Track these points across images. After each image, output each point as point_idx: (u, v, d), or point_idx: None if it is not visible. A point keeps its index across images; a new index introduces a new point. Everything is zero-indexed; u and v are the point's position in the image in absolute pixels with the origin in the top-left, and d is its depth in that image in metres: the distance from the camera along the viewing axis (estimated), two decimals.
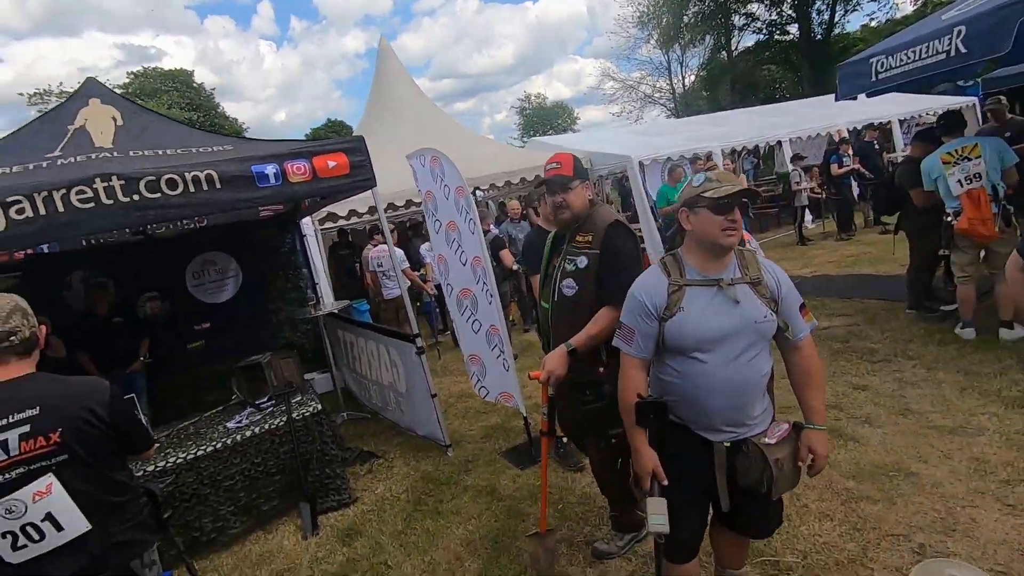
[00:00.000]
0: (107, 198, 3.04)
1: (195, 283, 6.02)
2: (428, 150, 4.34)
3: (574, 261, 2.33)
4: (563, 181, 2.35)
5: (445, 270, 4.41)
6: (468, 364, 4.35)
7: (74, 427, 1.70)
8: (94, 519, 1.74)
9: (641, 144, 10.20)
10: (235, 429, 3.56)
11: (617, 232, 2.30)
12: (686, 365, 1.76)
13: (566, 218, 2.38)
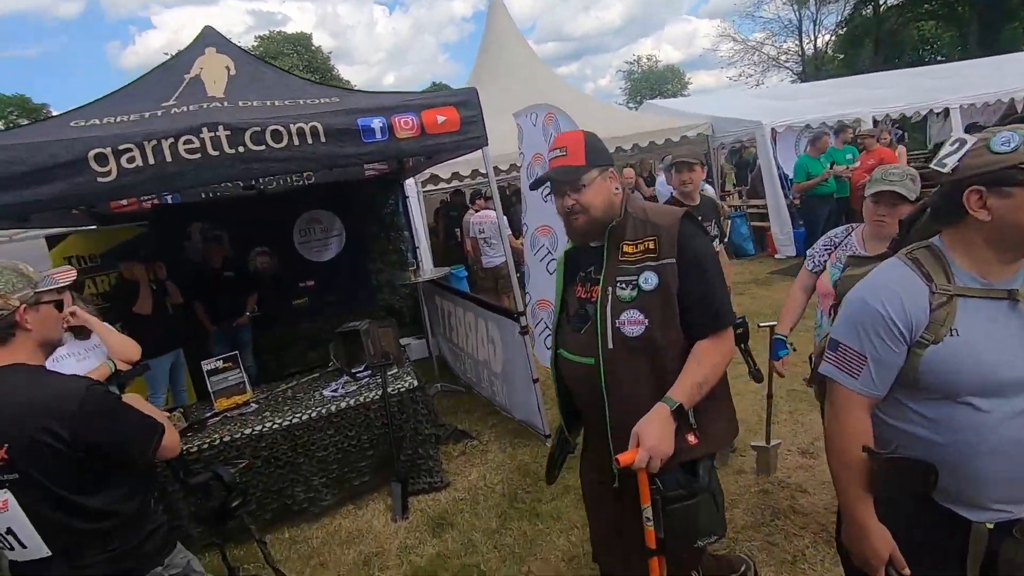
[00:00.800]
0: (213, 149, 2.90)
1: (301, 240, 6.06)
2: (542, 106, 3.86)
3: (634, 283, 1.57)
4: (572, 175, 1.62)
5: (552, 243, 3.95)
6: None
7: (23, 445, 1.34)
8: (56, 546, 1.42)
9: (773, 109, 9.04)
10: (331, 398, 3.41)
11: (695, 229, 1.62)
12: (952, 414, 1.20)
13: (582, 225, 1.65)
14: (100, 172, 2.75)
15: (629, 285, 1.57)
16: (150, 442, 1.52)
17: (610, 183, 1.65)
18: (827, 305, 2.24)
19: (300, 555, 3.04)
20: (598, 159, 1.64)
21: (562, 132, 3.48)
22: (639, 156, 9.76)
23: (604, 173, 1.65)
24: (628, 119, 9.37)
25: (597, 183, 1.62)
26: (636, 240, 1.60)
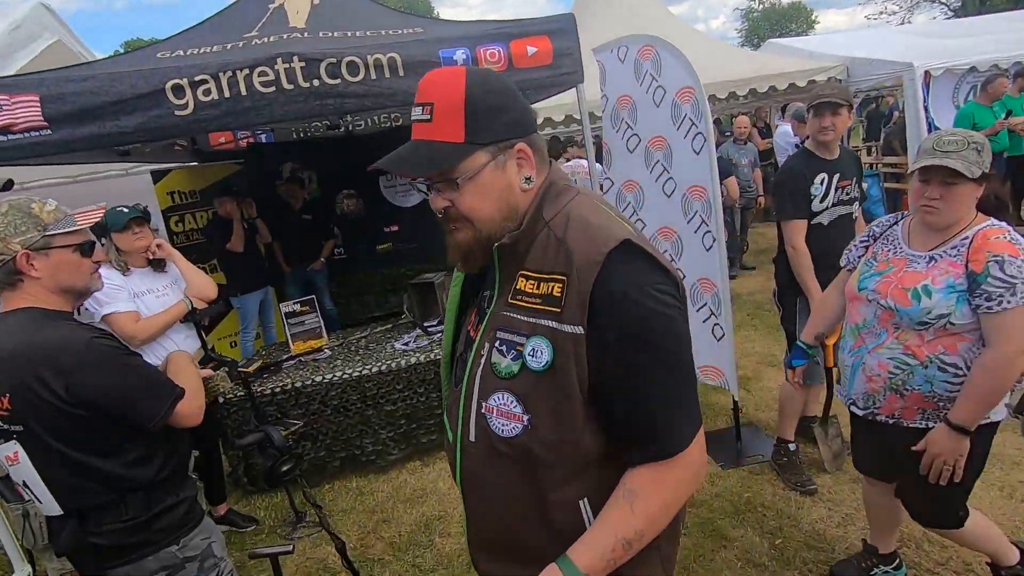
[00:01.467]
0: (287, 82, 2.71)
1: (387, 184, 5.95)
2: (635, 38, 3.22)
3: (518, 349, 0.91)
4: (435, 161, 0.90)
5: (637, 200, 3.43)
6: None
7: (22, 395, 1.25)
8: (68, 506, 1.34)
9: (927, 48, 7.59)
10: (402, 352, 3.28)
11: (633, 277, 0.87)
12: None
13: (463, 243, 0.96)
14: (177, 104, 2.66)
15: (510, 350, 0.91)
16: (160, 406, 1.37)
17: (511, 173, 0.92)
18: (855, 313, 1.78)
19: (365, 507, 3.00)
20: (491, 128, 0.89)
21: (676, 66, 2.98)
22: (755, 103, 8.70)
23: (503, 156, 0.91)
24: (744, 60, 8.27)
25: (487, 175, 0.90)
26: (540, 273, 0.90)
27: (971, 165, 1.48)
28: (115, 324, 2.40)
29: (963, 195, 1.51)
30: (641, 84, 3.18)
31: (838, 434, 2.76)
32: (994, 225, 1.54)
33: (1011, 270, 1.42)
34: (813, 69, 7.56)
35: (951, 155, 1.50)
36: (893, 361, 1.61)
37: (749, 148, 6.00)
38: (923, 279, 1.55)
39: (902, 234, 1.73)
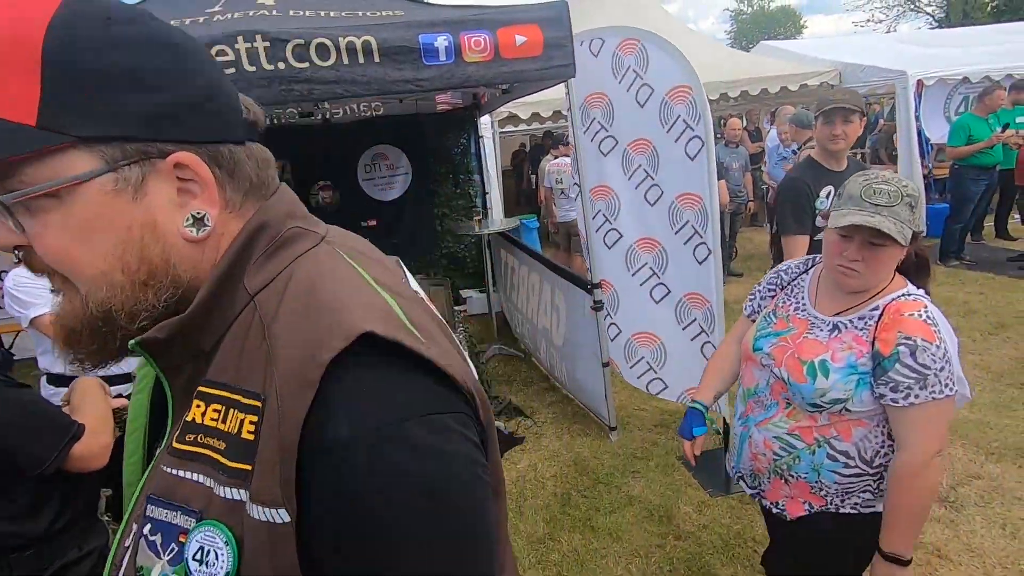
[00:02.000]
0: (249, 64, 2.45)
1: (366, 177, 5.68)
2: (613, 30, 2.95)
3: (173, 538, 0.48)
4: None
5: (610, 208, 3.19)
6: (630, 346, 3.27)
7: None
8: None
9: (920, 57, 7.54)
10: None
11: (375, 403, 0.46)
12: None
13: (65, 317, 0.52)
14: None
15: (168, 543, 0.48)
16: (50, 449, 1.14)
17: (153, 203, 0.50)
18: (748, 375, 1.48)
19: None
20: (107, 110, 0.46)
21: (666, 64, 2.77)
22: (746, 106, 8.56)
23: (133, 169, 0.48)
24: (737, 61, 8.13)
25: (93, 199, 0.47)
26: (226, 391, 0.49)
27: (903, 226, 1.19)
28: (45, 327, 2.12)
29: (888, 259, 1.25)
30: (620, 81, 2.95)
31: None
32: (910, 296, 1.27)
33: (924, 358, 1.17)
34: (806, 73, 7.46)
35: (882, 211, 1.20)
36: (779, 441, 1.37)
37: (740, 152, 5.86)
38: (822, 352, 1.29)
39: (809, 288, 1.44)
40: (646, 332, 3.09)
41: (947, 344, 1.19)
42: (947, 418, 1.23)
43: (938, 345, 1.18)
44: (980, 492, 2.57)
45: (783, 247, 2.40)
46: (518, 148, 13.21)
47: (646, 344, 3.10)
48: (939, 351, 1.17)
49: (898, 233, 1.18)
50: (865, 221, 1.20)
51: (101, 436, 1.24)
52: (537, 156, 8.86)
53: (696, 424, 1.68)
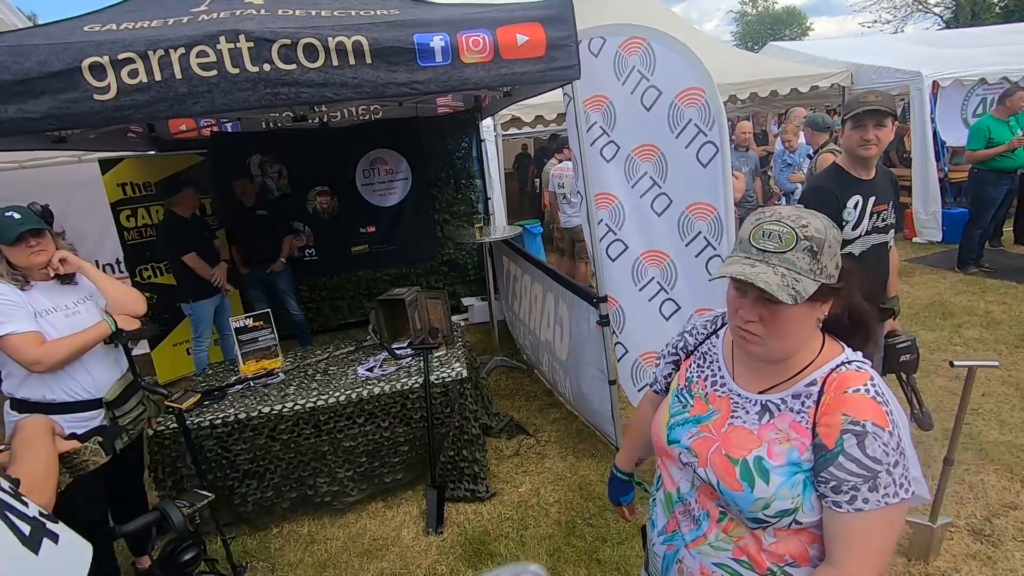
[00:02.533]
0: (232, 66, 2.30)
1: (364, 182, 5.53)
2: (616, 28, 2.79)
3: None
4: None
5: (614, 217, 3.01)
6: (638, 368, 3.08)
7: None
8: None
9: (936, 57, 7.33)
10: (364, 379, 2.88)
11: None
12: None
13: None
14: (97, 87, 2.23)
15: None
16: None
17: None
18: (667, 476, 1.15)
19: (315, 560, 2.60)
20: None
21: (676, 65, 2.60)
22: (755, 108, 8.37)
23: None
24: (746, 63, 7.94)
25: None
26: None
27: (800, 276, 0.91)
28: (13, 348, 1.96)
29: (795, 320, 0.95)
30: (624, 83, 2.78)
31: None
32: (851, 364, 0.99)
33: (874, 449, 0.89)
34: (817, 75, 7.28)
35: (770, 258, 0.93)
36: (721, 570, 1.03)
37: (750, 156, 5.67)
38: (755, 446, 0.99)
39: (724, 355, 1.13)
40: (656, 352, 2.90)
41: (901, 429, 0.92)
42: (897, 529, 0.93)
43: (891, 431, 0.90)
44: (1019, 524, 2.38)
45: None
46: (521, 151, 13.06)
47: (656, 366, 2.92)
48: (892, 439, 0.89)
49: (781, 288, 0.89)
50: (739, 272, 0.92)
51: (36, 496, 1.06)
52: (542, 159, 8.69)
53: (621, 493, 1.54)
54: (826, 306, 0.99)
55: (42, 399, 2.05)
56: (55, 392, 2.07)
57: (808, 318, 0.97)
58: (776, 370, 1.02)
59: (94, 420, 2.16)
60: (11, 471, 1.12)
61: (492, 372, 4.40)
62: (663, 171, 2.74)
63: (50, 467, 1.15)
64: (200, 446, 2.67)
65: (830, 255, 0.94)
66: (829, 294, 0.97)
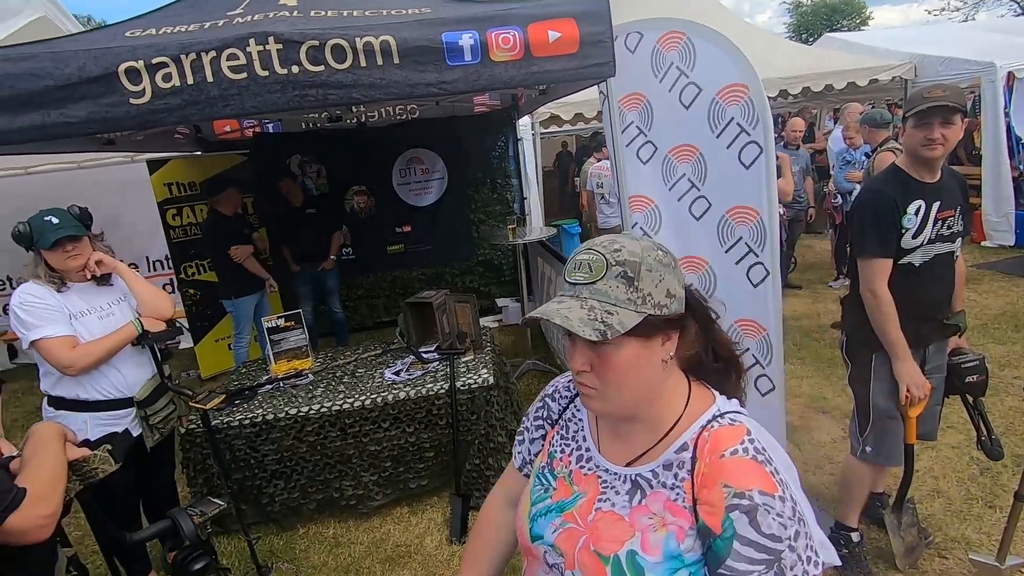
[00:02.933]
0: (262, 68, 2.29)
1: (401, 181, 5.55)
2: (654, 22, 2.61)
3: None
4: None
5: (649, 221, 2.83)
6: None
7: None
8: None
9: (1011, 47, 6.78)
10: (390, 383, 2.86)
11: None
12: None
13: None
14: (132, 91, 2.26)
15: None
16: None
17: None
18: (532, 574, 0.92)
19: (338, 564, 2.59)
20: None
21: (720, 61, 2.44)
22: (807, 103, 7.98)
23: None
24: (798, 55, 7.57)
25: None
26: None
27: (609, 312, 0.76)
28: (46, 351, 2.02)
29: (627, 363, 0.78)
30: (662, 80, 2.62)
31: (914, 523, 2.23)
32: (724, 418, 0.82)
33: (769, 524, 0.71)
34: (876, 67, 6.86)
35: (580, 290, 0.79)
36: None
37: (801, 154, 5.38)
38: (627, 536, 0.80)
39: (588, 423, 0.94)
40: None
41: (791, 488, 0.76)
42: None
43: (782, 496, 0.73)
44: None
45: (860, 272, 2.04)
46: (561, 149, 12.91)
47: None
48: (786, 506, 0.73)
49: (586, 323, 0.74)
50: (541, 312, 0.78)
51: (43, 504, 1.06)
52: (582, 158, 8.54)
53: None
54: (670, 343, 0.81)
55: (76, 397, 2.10)
56: (88, 391, 2.12)
57: (646, 359, 0.79)
58: (641, 433, 0.84)
59: (126, 418, 2.20)
60: (19, 480, 1.11)
61: (523, 376, 4.32)
62: (702, 173, 2.59)
63: (57, 476, 1.14)
64: (229, 445, 2.70)
65: (653, 280, 0.77)
66: (667, 327, 0.79)
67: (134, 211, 5.33)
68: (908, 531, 2.21)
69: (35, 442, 1.22)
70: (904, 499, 2.17)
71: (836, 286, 5.67)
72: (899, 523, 2.19)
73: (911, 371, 1.97)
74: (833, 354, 4.17)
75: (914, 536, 2.22)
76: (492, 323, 5.56)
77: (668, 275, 0.80)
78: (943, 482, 2.66)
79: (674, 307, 0.80)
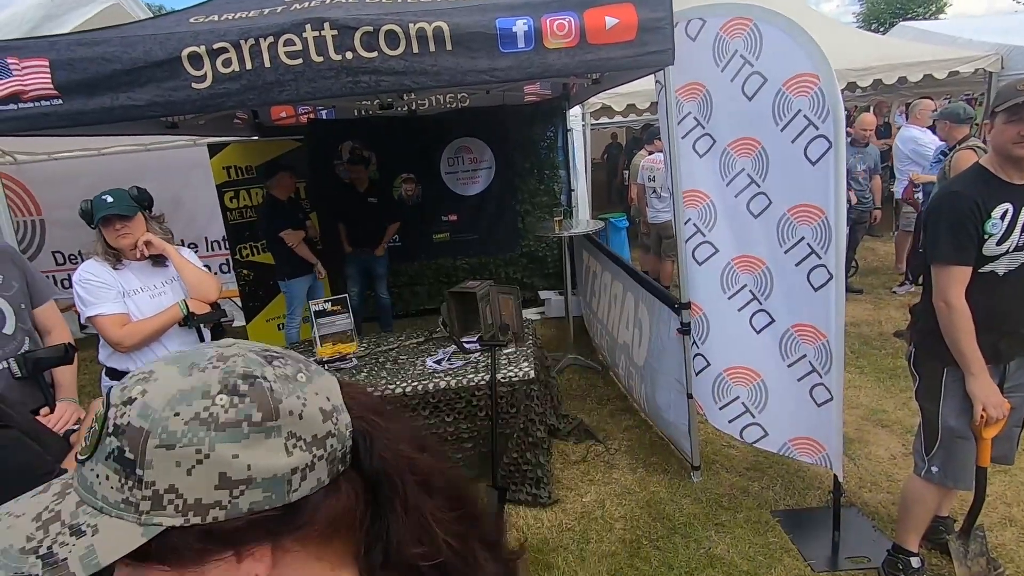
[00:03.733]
0: (317, 54, 2.32)
1: (448, 170, 5.55)
2: (719, 8, 2.48)
3: None
4: None
5: (703, 217, 2.70)
6: (721, 383, 2.72)
7: None
8: None
9: None
10: (431, 372, 2.86)
11: None
12: None
13: None
14: (195, 76, 2.33)
15: None
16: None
17: None
18: None
19: None
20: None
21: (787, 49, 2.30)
22: (878, 97, 7.53)
23: None
24: (870, 45, 7.12)
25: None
26: None
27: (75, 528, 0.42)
28: (100, 327, 2.14)
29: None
30: (724, 69, 2.49)
31: (983, 552, 2.06)
32: None
33: None
34: (957, 59, 6.37)
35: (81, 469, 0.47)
36: None
37: (870, 152, 5.06)
38: None
39: None
40: (743, 367, 2.63)
41: None
42: None
43: None
44: None
45: (933, 278, 1.89)
46: (611, 141, 12.68)
47: (743, 382, 2.64)
48: None
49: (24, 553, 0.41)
50: None
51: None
52: (632, 150, 8.36)
53: None
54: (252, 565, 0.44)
55: (127, 370, 2.20)
56: (138, 365, 2.20)
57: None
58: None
59: None
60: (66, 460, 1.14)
61: (564, 371, 4.27)
62: (763, 168, 2.46)
63: None
64: None
65: (184, 462, 0.41)
66: (225, 543, 0.43)
67: (195, 193, 5.55)
68: (975, 560, 2.05)
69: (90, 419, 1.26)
70: (973, 526, 2.01)
71: (901, 292, 5.35)
72: (965, 551, 2.04)
73: (987, 389, 1.82)
74: (895, 364, 3.94)
75: (982, 567, 2.05)
76: (534, 316, 5.53)
77: (247, 442, 0.42)
78: (1016, 510, 2.46)
79: (246, 505, 0.42)
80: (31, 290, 2.08)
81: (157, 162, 5.73)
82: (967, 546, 2.04)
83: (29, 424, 1.10)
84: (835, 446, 2.31)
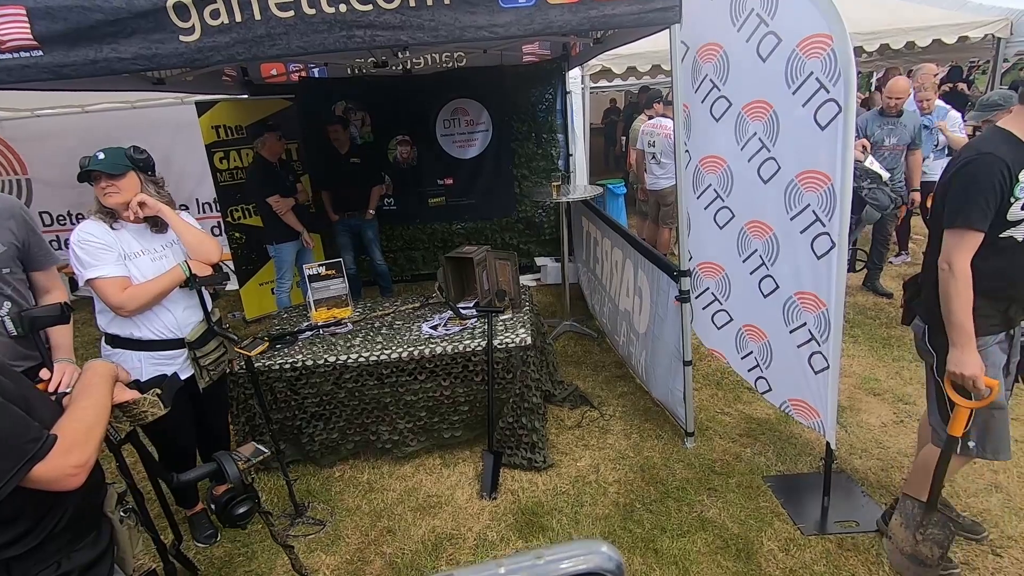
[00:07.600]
0: (308, 6, 2.21)
1: (444, 132, 5.43)
2: None
3: None
4: None
5: (722, 183, 2.69)
6: (741, 337, 2.80)
7: None
8: None
9: None
10: (427, 337, 2.85)
11: None
12: None
13: None
14: (182, 28, 2.22)
15: None
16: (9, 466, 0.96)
17: None
18: None
19: (371, 508, 2.66)
20: None
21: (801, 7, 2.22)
22: (884, 63, 7.35)
23: None
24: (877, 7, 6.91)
25: None
26: None
27: None
28: (100, 291, 2.06)
29: None
30: (740, 29, 2.41)
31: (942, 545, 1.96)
32: None
33: None
34: (968, 23, 6.22)
35: None
36: None
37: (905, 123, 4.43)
38: None
39: None
40: (755, 326, 2.69)
41: None
42: None
43: None
44: None
45: (945, 239, 1.83)
46: (609, 105, 12.44)
47: (755, 339, 2.70)
48: None
49: None
50: None
51: (74, 453, 1.05)
52: (632, 115, 8.19)
53: None
54: None
55: (131, 336, 2.16)
56: (142, 330, 2.16)
57: None
58: None
59: (179, 359, 2.25)
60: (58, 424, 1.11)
61: (560, 337, 4.28)
62: (773, 132, 2.40)
63: (94, 423, 1.14)
64: (271, 387, 2.77)
65: None
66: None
67: (184, 153, 5.40)
68: (928, 543, 1.97)
69: (84, 382, 1.23)
70: (937, 497, 1.98)
71: (896, 262, 5.35)
72: (920, 522, 2.00)
73: (973, 364, 1.78)
74: (888, 334, 3.98)
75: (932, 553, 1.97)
76: (531, 282, 5.51)
77: None
78: (1003, 476, 2.52)
79: None
80: (29, 253, 2.02)
81: (143, 120, 5.56)
82: (925, 519, 1.99)
83: (17, 387, 1.07)
84: (829, 414, 2.33)
